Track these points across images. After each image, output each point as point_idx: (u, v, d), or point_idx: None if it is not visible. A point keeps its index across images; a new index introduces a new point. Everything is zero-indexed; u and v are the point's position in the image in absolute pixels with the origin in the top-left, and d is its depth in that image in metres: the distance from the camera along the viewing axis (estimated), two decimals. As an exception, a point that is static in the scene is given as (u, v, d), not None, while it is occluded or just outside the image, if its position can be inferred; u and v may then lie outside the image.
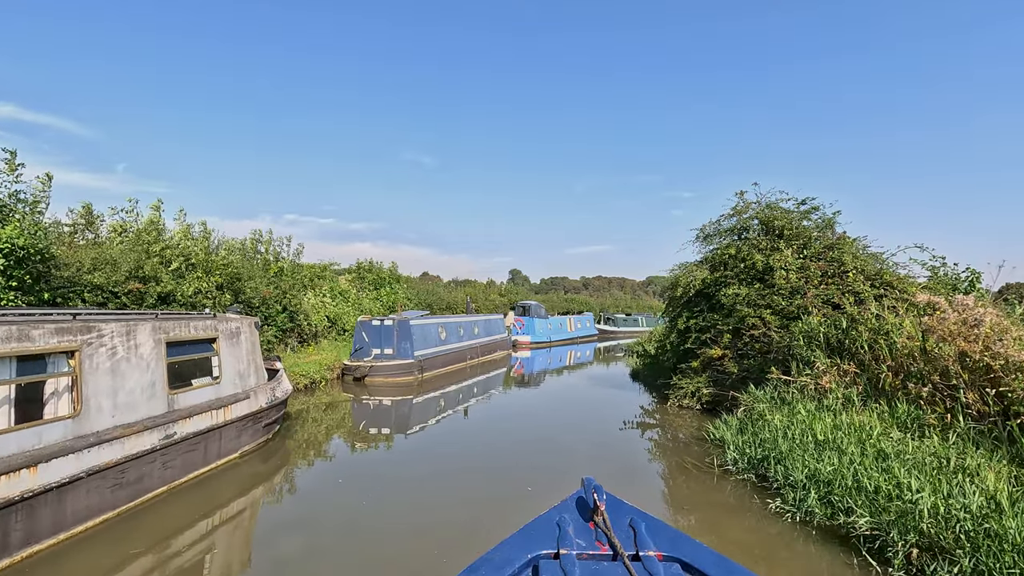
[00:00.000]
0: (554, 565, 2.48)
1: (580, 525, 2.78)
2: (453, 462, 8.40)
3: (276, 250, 19.93)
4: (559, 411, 12.99)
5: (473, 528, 5.73)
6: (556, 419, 11.93)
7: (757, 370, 10.71)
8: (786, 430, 7.30)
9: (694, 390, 12.20)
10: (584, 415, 12.51)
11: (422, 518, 6.00)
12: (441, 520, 5.94)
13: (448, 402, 14.80)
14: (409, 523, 5.87)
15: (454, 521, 5.93)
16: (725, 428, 8.94)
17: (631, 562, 2.45)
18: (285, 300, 17.86)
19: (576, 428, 11.03)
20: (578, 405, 13.83)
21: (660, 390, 14.17)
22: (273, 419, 8.76)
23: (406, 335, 17.69)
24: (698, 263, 13.22)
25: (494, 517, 5.94)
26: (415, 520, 5.94)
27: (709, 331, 12.25)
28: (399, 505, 6.45)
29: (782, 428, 7.38)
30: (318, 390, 15.09)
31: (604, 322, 47.71)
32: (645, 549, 2.57)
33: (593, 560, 2.55)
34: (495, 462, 8.50)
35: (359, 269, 26.67)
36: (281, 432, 9.55)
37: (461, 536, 5.53)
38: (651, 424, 11.54)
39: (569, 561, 2.48)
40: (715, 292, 12.44)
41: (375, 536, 5.61)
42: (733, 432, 8.67)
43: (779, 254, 11.64)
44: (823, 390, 8.28)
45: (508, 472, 7.89)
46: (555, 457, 8.71)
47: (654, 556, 2.53)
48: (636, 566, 2.43)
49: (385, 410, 13.93)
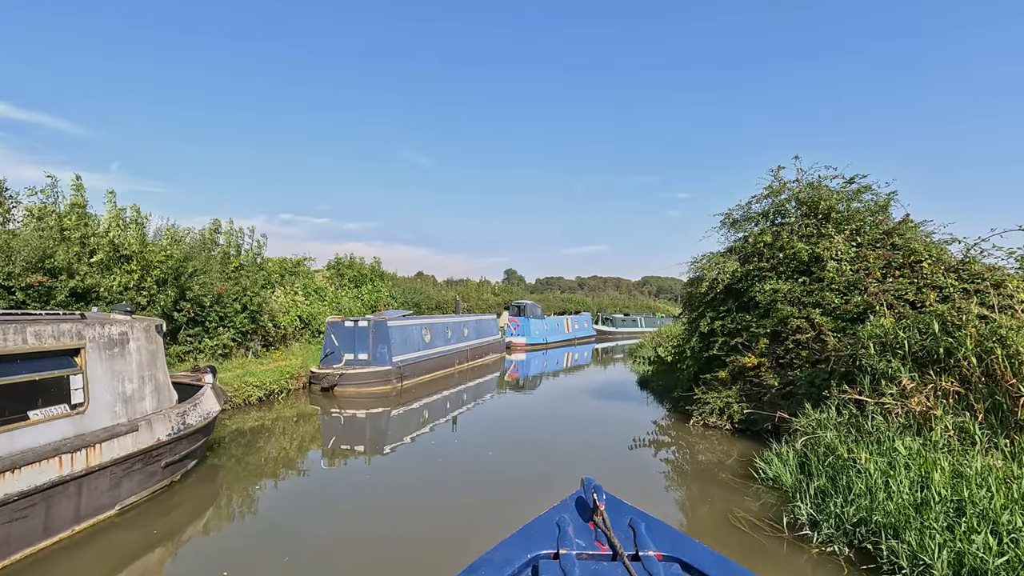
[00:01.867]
0: (554, 565, 2.46)
1: (580, 525, 2.76)
2: (427, 500, 6.25)
3: (237, 242, 17.67)
4: (558, 430, 10.82)
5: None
6: (554, 443, 9.77)
7: (806, 384, 8.60)
8: (886, 477, 5.18)
9: (722, 406, 10.09)
10: (588, 435, 10.35)
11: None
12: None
13: (431, 414, 12.65)
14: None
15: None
16: (779, 463, 6.82)
17: (631, 562, 2.42)
18: (245, 298, 15.61)
19: (578, 455, 8.86)
20: (581, 423, 11.67)
21: (678, 404, 12.05)
22: (182, 455, 6.55)
23: (383, 338, 15.49)
24: (725, 253, 11.10)
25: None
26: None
27: (740, 335, 10.15)
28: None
29: (879, 474, 5.25)
30: (277, 403, 12.88)
31: (602, 322, 45.62)
32: (645, 549, 2.54)
33: (593, 560, 2.53)
34: (476, 498, 6.34)
35: (338, 265, 24.39)
36: (197, 470, 7.34)
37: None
38: (671, 448, 9.42)
39: (569, 561, 2.46)
40: (747, 288, 10.34)
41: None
42: (792, 469, 6.56)
43: (828, 241, 9.55)
44: (918, 416, 6.17)
45: (493, 520, 5.73)
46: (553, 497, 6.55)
47: (654, 556, 2.50)
48: (636, 566, 2.40)
49: (353, 428, 11.74)
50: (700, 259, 11.41)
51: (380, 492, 6.91)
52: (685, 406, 11.26)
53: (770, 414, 8.51)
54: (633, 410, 12.82)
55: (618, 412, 12.66)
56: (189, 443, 6.69)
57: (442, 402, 14.40)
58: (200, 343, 14.24)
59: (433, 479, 7.50)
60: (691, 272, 11.85)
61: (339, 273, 23.90)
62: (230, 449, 8.65)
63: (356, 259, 25.16)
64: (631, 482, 7.49)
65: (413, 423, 11.91)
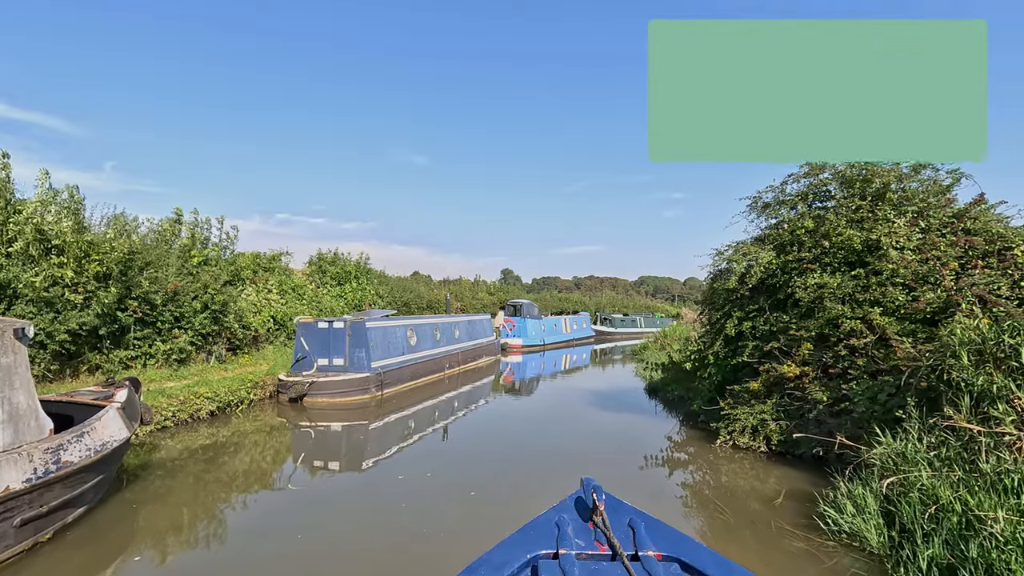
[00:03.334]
0: (553, 565, 2.44)
1: (579, 525, 2.74)
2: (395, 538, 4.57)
3: (203, 235, 15.91)
4: (555, 452, 9.14)
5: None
6: (552, 470, 8.08)
7: (865, 400, 6.96)
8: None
9: (756, 423, 8.44)
10: (591, 452, 8.67)
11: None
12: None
13: (416, 425, 11.03)
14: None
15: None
16: (853, 511, 5.17)
17: (630, 562, 2.39)
18: (206, 296, 13.89)
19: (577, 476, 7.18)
20: (583, 441, 9.99)
21: (696, 418, 10.39)
22: (53, 505, 4.85)
23: (361, 341, 13.78)
24: (755, 241, 9.44)
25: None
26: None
27: (776, 338, 8.50)
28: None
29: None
30: (234, 417, 11.16)
31: (600, 323, 44.00)
32: (644, 549, 2.53)
33: (592, 560, 2.52)
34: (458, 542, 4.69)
35: (320, 261, 22.63)
36: (87, 521, 5.62)
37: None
38: (693, 474, 7.77)
39: (568, 561, 2.44)
40: (783, 283, 8.69)
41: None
42: (877, 523, 4.91)
43: (886, 225, 7.90)
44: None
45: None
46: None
47: (653, 556, 2.49)
48: (635, 566, 2.38)
49: (323, 445, 10.07)
50: (725, 249, 9.75)
51: (351, 529, 5.22)
52: (709, 423, 9.61)
53: (826, 439, 6.84)
54: (644, 424, 11.15)
55: (627, 426, 10.98)
56: (68, 487, 4.98)
57: (428, 412, 12.73)
58: (151, 347, 12.52)
59: (412, 524, 5.80)
60: (714, 265, 10.20)
61: (320, 270, 22.15)
62: (151, 483, 6.93)
63: (340, 255, 23.42)
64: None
65: (393, 438, 10.25)
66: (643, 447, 9.24)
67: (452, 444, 9.64)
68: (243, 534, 5.66)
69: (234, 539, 5.57)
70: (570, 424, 11.40)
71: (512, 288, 53.46)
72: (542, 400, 15.33)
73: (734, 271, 8.98)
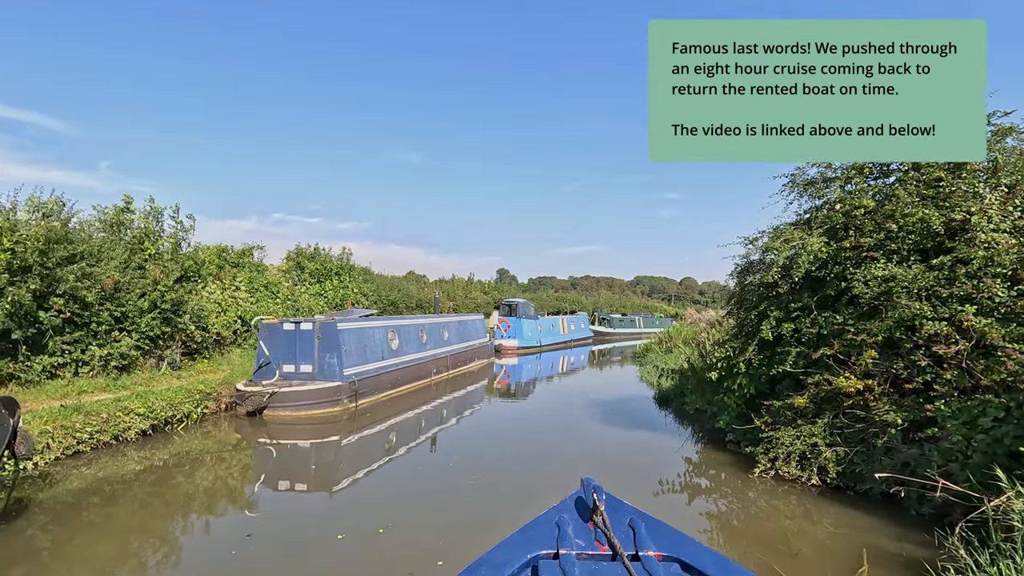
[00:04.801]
0: (553, 565, 2.41)
1: (579, 525, 2.70)
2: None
3: (157, 226, 14.11)
4: (556, 478, 7.46)
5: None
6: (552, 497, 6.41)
7: (959, 425, 5.33)
8: None
9: (805, 449, 6.79)
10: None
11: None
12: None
13: (398, 439, 9.43)
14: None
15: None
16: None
17: (630, 562, 2.35)
18: (155, 294, 12.16)
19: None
20: (588, 462, 8.31)
21: (722, 437, 8.75)
22: None
23: (332, 344, 12.08)
24: (798, 224, 7.78)
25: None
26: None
27: (827, 343, 6.86)
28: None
29: None
30: (176, 436, 9.45)
31: (599, 323, 42.41)
32: (644, 549, 2.49)
33: (592, 560, 2.48)
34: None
35: (298, 256, 20.85)
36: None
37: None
38: (725, 509, 6.14)
39: (568, 561, 2.40)
40: (836, 275, 7.06)
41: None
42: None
43: (975, 202, 6.27)
44: None
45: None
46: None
47: (653, 556, 2.45)
48: (635, 566, 2.34)
49: (282, 467, 8.46)
50: (759, 236, 8.10)
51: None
52: (739, 444, 7.99)
53: (915, 480, 5.18)
54: (657, 442, 9.49)
55: (637, 444, 9.32)
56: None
57: (410, 425, 11.08)
58: (85, 352, 10.77)
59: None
60: (744, 257, 8.55)
61: (299, 266, 20.39)
62: (28, 534, 5.20)
63: (321, 250, 21.66)
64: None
65: (363, 459, 8.63)
66: (657, 469, 7.72)
67: (427, 473, 7.96)
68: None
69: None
70: (572, 439, 9.71)
71: (507, 288, 51.71)
72: (540, 410, 13.66)
73: (775, 261, 7.31)
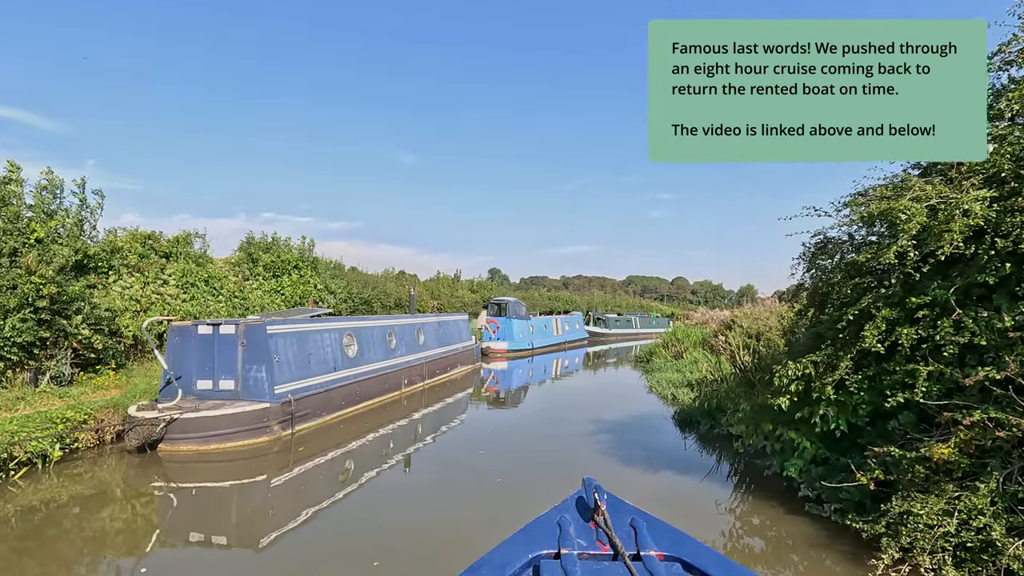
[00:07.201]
0: (555, 565, 2.41)
1: (581, 525, 2.70)
2: None
3: (54, 202, 11.21)
4: None
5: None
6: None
7: None
8: None
9: (968, 539, 4.10)
10: None
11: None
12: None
13: (344, 478, 6.69)
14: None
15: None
16: None
17: (632, 562, 2.35)
18: (30, 287, 9.29)
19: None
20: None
21: (792, 490, 6.07)
22: None
23: (260, 353, 9.28)
24: (929, 175, 5.10)
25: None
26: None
27: (982, 360, 4.20)
28: None
29: None
30: (10, 485, 6.62)
31: (594, 323, 39.74)
32: (646, 549, 2.48)
33: (594, 560, 2.48)
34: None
35: (250, 246, 17.93)
36: None
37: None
38: None
39: (570, 561, 2.41)
40: (1001, 251, 4.38)
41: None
42: None
43: None
44: None
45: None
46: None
47: (655, 556, 2.44)
48: (637, 566, 2.33)
49: (181, 524, 5.55)
50: (858, 196, 5.41)
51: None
52: (833, 509, 5.31)
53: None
54: (692, 492, 6.78)
55: (665, 497, 6.60)
56: None
57: (368, 453, 8.36)
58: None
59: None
60: (821, 232, 5.84)
61: (250, 258, 17.49)
62: None
63: (279, 240, 18.76)
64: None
65: (300, 501, 5.90)
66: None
67: (382, 514, 5.18)
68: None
69: None
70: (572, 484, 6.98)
71: (498, 287, 48.85)
72: (536, 427, 10.89)
73: (903, 228, 4.60)
